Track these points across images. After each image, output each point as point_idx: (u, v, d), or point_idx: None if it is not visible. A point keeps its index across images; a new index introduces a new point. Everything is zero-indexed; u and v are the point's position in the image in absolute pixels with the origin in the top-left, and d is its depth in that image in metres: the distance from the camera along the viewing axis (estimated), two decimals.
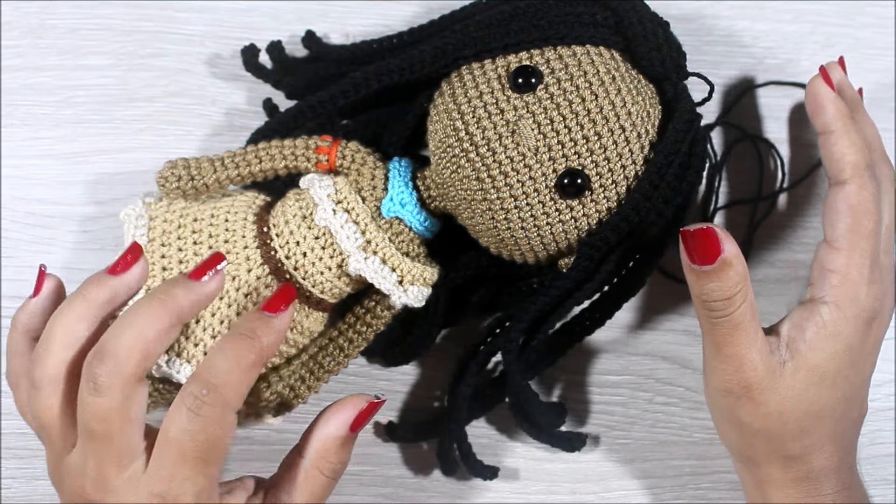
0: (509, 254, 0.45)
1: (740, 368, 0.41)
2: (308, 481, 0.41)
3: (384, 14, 0.55)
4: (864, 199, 0.42)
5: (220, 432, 0.37)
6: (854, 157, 0.43)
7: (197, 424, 0.37)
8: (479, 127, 0.41)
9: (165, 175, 0.45)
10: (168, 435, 0.37)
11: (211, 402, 0.37)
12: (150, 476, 0.37)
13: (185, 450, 0.37)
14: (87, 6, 0.53)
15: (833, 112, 0.44)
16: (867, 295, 0.42)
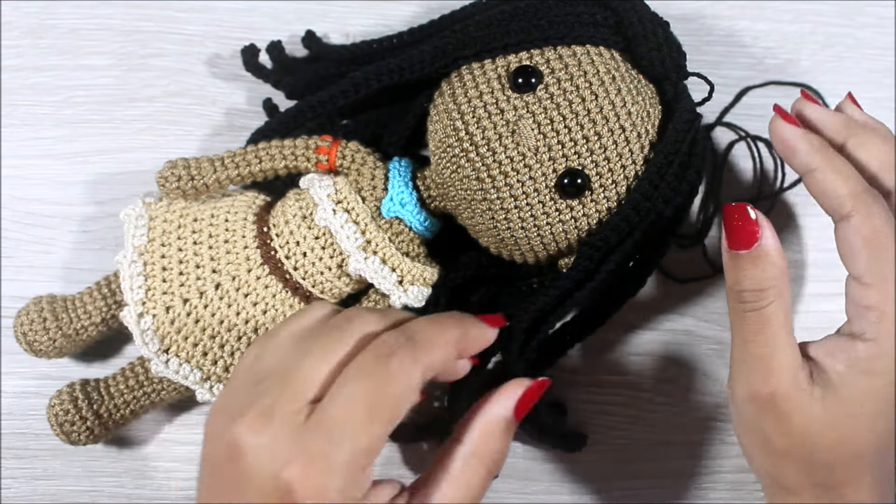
0: (509, 254, 0.45)
1: (767, 372, 0.39)
2: (466, 472, 0.37)
3: (384, 14, 0.55)
4: (875, 226, 0.38)
5: (402, 388, 0.34)
6: (847, 188, 0.39)
7: (381, 371, 0.34)
8: (479, 127, 0.41)
9: (165, 175, 0.45)
10: (344, 379, 0.34)
11: (403, 352, 0.34)
12: (310, 423, 0.34)
13: (357, 397, 0.34)
14: (87, 6, 0.54)
15: (806, 149, 0.40)
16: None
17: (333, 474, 0.33)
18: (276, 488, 0.33)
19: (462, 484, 0.37)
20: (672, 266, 0.53)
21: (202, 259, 0.45)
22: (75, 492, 0.50)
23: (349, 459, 0.33)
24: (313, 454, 0.33)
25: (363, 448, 0.33)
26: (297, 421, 0.33)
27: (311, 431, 0.33)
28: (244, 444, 0.33)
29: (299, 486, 0.33)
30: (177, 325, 0.44)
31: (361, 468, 0.34)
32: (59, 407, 0.45)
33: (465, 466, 0.37)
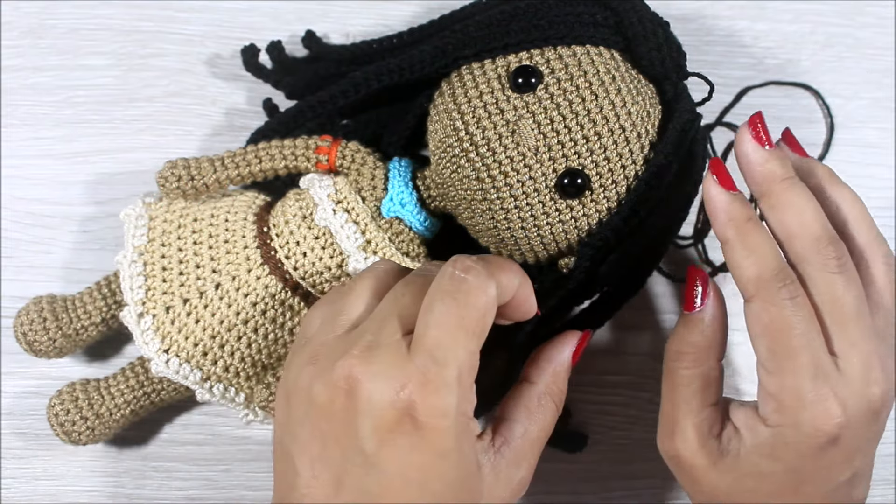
0: (509, 254, 0.45)
1: (673, 433, 0.40)
2: (541, 409, 0.40)
3: (384, 14, 0.55)
4: (774, 316, 0.37)
5: (484, 300, 0.35)
6: (754, 270, 0.38)
7: (462, 288, 0.35)
8: (479, 127, 0.41)
9: (165, 175, 0.45)
10: (430, 304, 0.35)
11: (474, 272, 0.35)
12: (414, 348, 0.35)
13: (448, 315, 0.35)
14: (87, 6, 0.54)
15: (724, 220, 0.39)
16: (811, 418, 0.37)
17: (448, 391, 0.34)
18: (397, 411, 0.34)
19: (539, 419, 0.40)
20: (672, 266, 0.53)
21: (202, 259, 0.45)
22: (75, 492, 0.50)
23: (457, 375, 0.35)
24: (425, 375, 0.34)
25: (465, 363, 0.35)
26: (402, 349, 0.35)
27: (417, 355, 0.35)
28: (359, 376, 0.35)
29: (419, 406, 0.34)
30: (177, 325, 0.44)
31: (469, 385, 0.36)
32: (59, 407, 0.45)
33: (539, 404, 0.40)
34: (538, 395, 0.40)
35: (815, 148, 0.55)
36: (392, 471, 0.35)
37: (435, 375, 0.34)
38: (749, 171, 0.40)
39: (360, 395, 0.34)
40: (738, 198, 0.39)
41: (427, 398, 0.34)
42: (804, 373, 0.37)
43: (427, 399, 0.34)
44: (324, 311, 0.39)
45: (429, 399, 0.34)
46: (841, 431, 0.37)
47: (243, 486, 0.50)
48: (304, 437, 0.36)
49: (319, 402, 0.36)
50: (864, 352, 0.38)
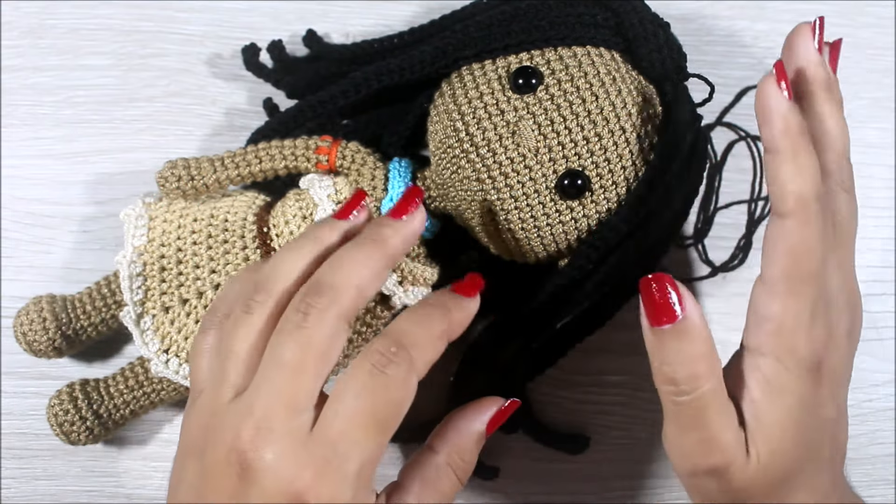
0: (509, 254, 0.45)
1: (710, 453, 0.37)
2: (441, 480, 0.38)
3: (384, 14, 0.55)
4: (806, 237, 0.36)
5: (402, 396, 0.35)
6: (799, 187, 0.36)
7: (380, 383, 0.34)
8: (480, 128, 0.41)
9: (165, 175, 0.45)
10: (344, 392, 0.34)
11: (398, 360, 0.35)
12: (315, 435, 0.34)
13: (361, 410, 0.34)
14: (87, 6, 0.54)
15: (781, 128, 0.36)
16: (807, 343, 0.36)
17: (346, 485, 0.34)
18: (288, 499, 0.33)
19: (436, 491, 0.38)
20: (672, 266, 0.53)
21: (201, 259, 0.45)
22: (75, 492, 0.50)
23: (359, 469, 0.34)
24: (325, 466, 0.34)
25: (370, 457, 0.34)
26: (301, 435, 0.34)
27: (319, 444, 0.34)
28: (253, 463, 0.34)
29: (312, 497, 0.33)
30: (177, 325, 0.44)
31: (369, 478, 0.35)
32: (58, 407, 0.45)
33: (438, 475, 0.39)
34: (437, 466, 0.39)
35: None
36: None
37: (335, 469, 0.34)
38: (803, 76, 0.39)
39: (252, 485, 0.34)
40: (797, 109, 0.37)
41: (322, 492, 0.34)
42: (811, 300, 0.36)
43: (322, 491, 0.34)
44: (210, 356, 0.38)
45: (324, 491, 0.34)
46: (828, 355, 0.37)
47: None
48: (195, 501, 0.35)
49: (211, 476, 0.35)
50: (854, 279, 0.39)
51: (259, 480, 0.33)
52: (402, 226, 0.39)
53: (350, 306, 0.36)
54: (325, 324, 0.35)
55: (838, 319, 0.38)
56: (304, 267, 0.37)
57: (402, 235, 0.39)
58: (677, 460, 0.39)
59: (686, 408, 0.37)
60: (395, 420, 0.35)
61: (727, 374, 0.38)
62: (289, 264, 0.38)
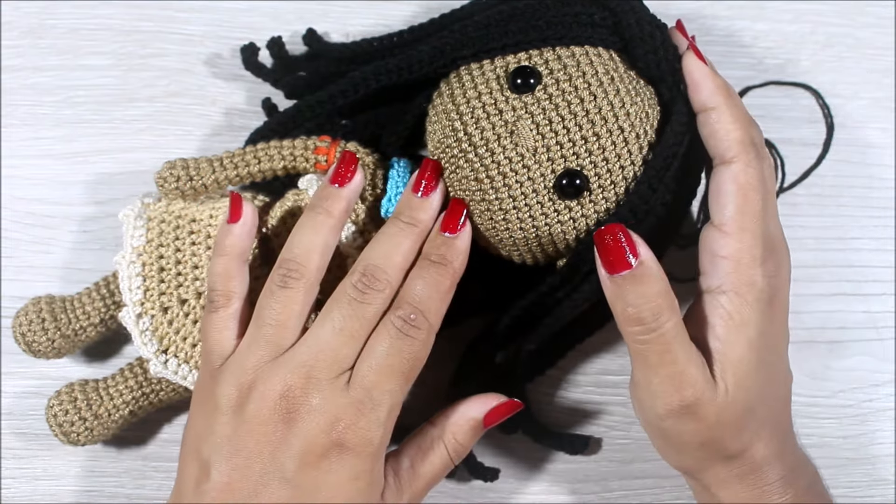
0: (508, 254, 0.45)
1: (681, 388, 0.39)
2: (433, 451, 0.43)
3: (384, 14, 0.55)
4: (751, 177, 0.40)
5: (423, 352, 0.41)
6: (739, 134, 0.40)
7: (405, 344, 0.40)
8: (478, 128, 0.41)
9: (164, 176, 0.45)
10: (374, 351, 0.40)
11: (419, 324, 0.40)
12: (353, 385, 0.40)
13: (389, 365, 0.40)
14: (87, 6, 0.54)
15: (711, 87, 0.41)
16: (762, 276, 0.40)
17: (378, 425, 0.40)
18: (328, 441, 0.39)
19: (427, 459, 0.43)
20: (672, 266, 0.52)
21: (200, 259, 0.45)
22: (75, 492, 0.50)
23: (388, 414, 0.40)
24: (360, 410, 0.40)
25: (396, 403, 0.41)
26: (340, 385, 0.40)
27: (355, 391, 0.40)
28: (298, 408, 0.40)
29: (350, 436, 0.39)
30: (175, 325, 0.44)
31: (393, 421, 0.41)
32: (58, 408, 0.45)
33: (432, 446, 0.44)
34: (432, 438, 0.44)
35: (815, 148, 0.55)
36: (306, 487, 0.39)
37: (369, 411, 0.40)
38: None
39: (296, 425, 0.39)
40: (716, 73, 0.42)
41: (359, 430, 0.40)
42: (761, 235, 0.40)
43: (359, 431, 0.40)
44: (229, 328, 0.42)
45: (360, 431, 0.40)
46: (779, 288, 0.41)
47: None
48: (228, 450, 0.40)
49: (252, 424, 0.40)
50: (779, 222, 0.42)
51: (303, 422, 0.39)
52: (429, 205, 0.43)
53: (396, 287, 0.42)
54: (376, 303, 0.41)
55: (781, 258, 0.41)
56: (324, 242, 0.42)
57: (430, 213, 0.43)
58: (649, 404, 0.41)
59: (653, 345, 0.39)
60: (417, 370, 0.41)
61: (688, 320, 0.40)
62: (311, 243, 0.42)
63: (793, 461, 0.42)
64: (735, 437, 0.40)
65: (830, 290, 0.53)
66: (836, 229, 0.55)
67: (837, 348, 0.44)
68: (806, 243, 0.54)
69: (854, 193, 0.55)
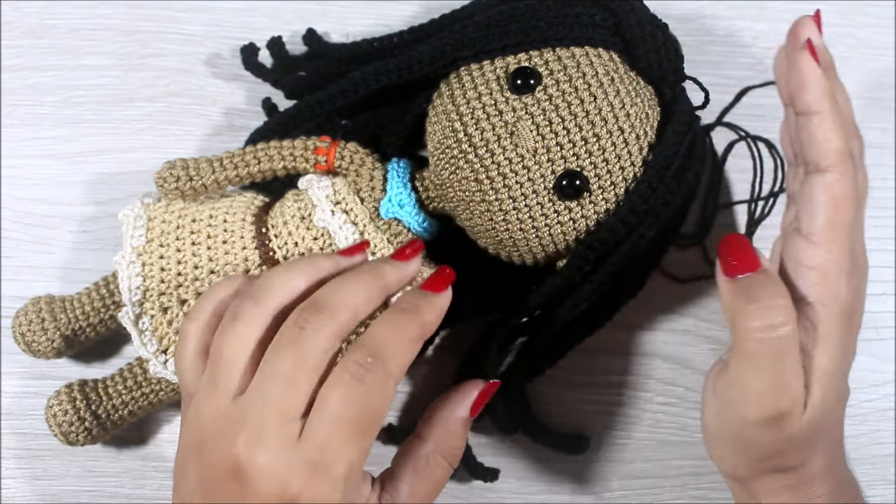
0: (508, 255, 0.45)
1: (781, 397, 0.38)
2: (430, 468, 0.41)
3: (384, 14, 0.55)
4: (846, 188, 0.38)
5: (381, 402, 0.37)
6: (838, 143, 0.38)
7: (359, 392, 0.36)
8: (478, 128, 0.41)
9: (164, 176, 0.45)
10: (326, 401, 0.36)
11: (375, 370, 0.37)
12: (304, 442, 0.36)
13: (343, 417, 0.36)
14: (87, 6, 0.54)
15: (819, 91, 0.38)
16: (847, 290, 0.38)
17: (335, 488, 0.36)
18: (283, 500, 0.36)
19: (427, 479, 0.41)
20: (672, 266, 0.53)
21: (200, 260, 0.45)
22: (75, 492, 0.50)
23: (346, 472, 0.36)
24: (314, 471, 0.36)
25: (355, 461, 0.37)
26: (291, 439, 0.36)
27: (307, 450, 0.36)
28: (246, 467, 0.36)
29: (306, 498, 0.36)
30: (175, 325, 0.44)
31: (356, 480, 0.38)
32: (57, 408, 0.45)
33: (429, 462, 0.41)
34: (427, 454, 0.41)
35: None
36: None
37: (324, 472, 0.36)
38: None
39: (247, 485, 0.36)
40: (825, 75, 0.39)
41: (314, 493, 0.36)
42: (849, 248, 0.38)
43: (314, 493, 0.36)
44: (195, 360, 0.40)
45: (316, 493, 0.36)
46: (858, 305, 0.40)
47: None
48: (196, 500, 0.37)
49: (209, 478, 0.37)
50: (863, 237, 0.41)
51: (254, 483, 0.36)
52: (402, 266, 0.42)
53: (345, 327, 0.38)
54: (319, 340, 0.37)
55: (864, 274, 0.41)
56: (298, 286, 0.40)
57: (399, 273, 0.41)
58: (738, 405, 0.39)
59: (768, 348, 0.37)
60: (376, 424, 0.37)
61: None
62: (283, 281, 0.40)
63: (841, 475, 0.42)
64: (801, 451, 0.39)
65: None
66: None
67: None
68: None
69: None
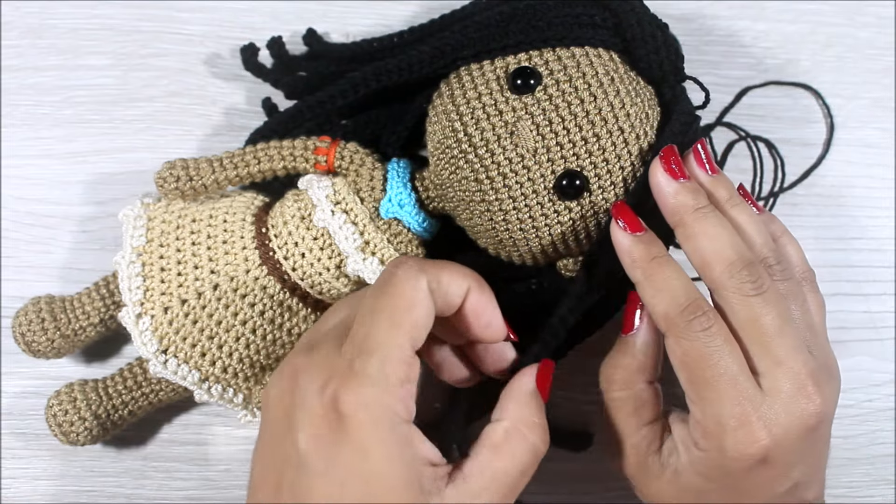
0: (508, 255, 0.45)
1: (613, 456, 0.42)
2: (511, 442, 0.38)
3: (384, 14, 0.55)
4: (687, 349, 0.38)
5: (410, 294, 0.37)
6: (660, 308, 0.38)
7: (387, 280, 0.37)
8: (478, 128, 0.41)
9: (164, 176, 0.45)
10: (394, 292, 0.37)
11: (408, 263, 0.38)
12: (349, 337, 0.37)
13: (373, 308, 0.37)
14: (87, 6, 0.54)
15: (629, 263, 0.40)
16: (735, 443, 0.37)
17: (370, 381, 0.35)
18: (324, 405, 0.35)
19: (508, 454, 0.38)
20: None
21: (200, 260, 0.45)
22: (75, 492, 0.50)
23: (380, 366, 0.35)
24: (350, 366, 0.35)
25: (391, 356, 0.35)
26: (336, 345, 0.36)
27: (346, 348, 0.36)
28: (297, 371, 0.36)
29: (342, 397, 0.34)
30: (175, 325, 0.44)
31: (397, 382, 0.35)
32: (57, 408, 0.45)
33: (507, 438, 0.38)
34: (504, 429, 0.39)
35: (816, 148, 0.55)
36: (319, 469, 0.34)
37: (359, 367, 0.35)
38: (663, 204, 0.40)
39: (297, 391, 0.36)
40: (643, 238, 0.40)
41: (349, 389, 0.35)
42: (724, 400, 0.37)
43: (349, 389, 0.35)
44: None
45: (351, 389, 0.35)
46: (768, 452, 0.37)
47: (243, 486, 0.50)
48: (261, 441, 0.38)
49: (272, 403, 0.37)
50: (791, 368, 0.37)
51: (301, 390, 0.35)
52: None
53: None
54: None
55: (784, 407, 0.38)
56: None
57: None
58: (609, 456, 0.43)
59: (607, 405, 0.42)
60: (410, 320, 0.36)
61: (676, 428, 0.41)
62: None
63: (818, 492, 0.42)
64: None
65: (830, 290, 0.53)
66: (836, 229, 0.55)
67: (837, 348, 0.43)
68: (806, 243, 0.54)
69: (854, 193, 0.55)
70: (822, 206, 0.55)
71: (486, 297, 0.40)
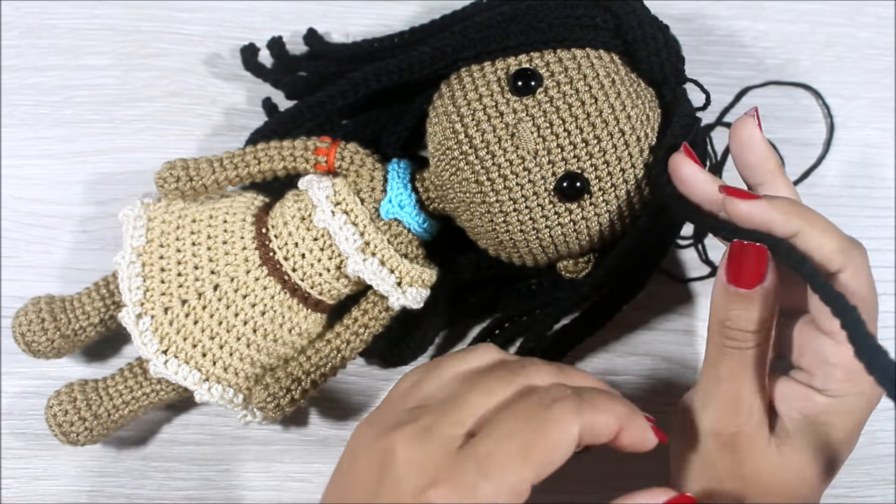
0: (508, 256, 0.45)
1: (736, 412, 0.39)
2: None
3: (384, 14, 0.55)
4: (865, 283, 0.37)
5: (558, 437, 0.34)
6: (834, 243, 0.37)
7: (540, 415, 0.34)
8: (479, 130, 0.41)
9: (164, 176, 0.45)
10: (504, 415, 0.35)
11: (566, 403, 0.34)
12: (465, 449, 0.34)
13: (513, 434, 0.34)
14: (87, 6, 0.54)
15: (782, 219, 0.37)
16: (872, 385, 0.35)
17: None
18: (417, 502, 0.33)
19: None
20: (672, 266, 0.53)
21: (200, 260, 0.45)
22: (75, 492, 0.50)
23: (493, 493, 0.33)
24: (461, 480, 0.33)
25: (510, 486, 0.33)
26: (453, 445, 0.34)
27: (463, 458, 0.33)
28: (398, 454, 0.34)
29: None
30: (175, 325, 0.44)
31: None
32: (57, 408, 0.45)
33: None
34: None
35: (815, 148, 0.55)
36: None
37: (471, 486, 0.32)
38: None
39: (389, 474, 0.34)
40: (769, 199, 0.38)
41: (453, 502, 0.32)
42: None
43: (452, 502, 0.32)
44: (413, 377, 0.39)
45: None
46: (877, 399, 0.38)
47: (243, 486, 0.50)
48: (334, 490, 0.37)
49: (356, 464, 0.36)
50: None
51: (396, 477, 0.33)
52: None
53: None
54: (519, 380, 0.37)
55: None
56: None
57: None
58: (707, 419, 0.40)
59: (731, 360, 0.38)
60: (546, 458, 0.33)
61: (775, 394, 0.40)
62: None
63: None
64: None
65: None
66: None
67: None
68: None
69: (854, 193, 0.55)
70: (822, 206, 0.54)
71: (638, 427, 0.37)
